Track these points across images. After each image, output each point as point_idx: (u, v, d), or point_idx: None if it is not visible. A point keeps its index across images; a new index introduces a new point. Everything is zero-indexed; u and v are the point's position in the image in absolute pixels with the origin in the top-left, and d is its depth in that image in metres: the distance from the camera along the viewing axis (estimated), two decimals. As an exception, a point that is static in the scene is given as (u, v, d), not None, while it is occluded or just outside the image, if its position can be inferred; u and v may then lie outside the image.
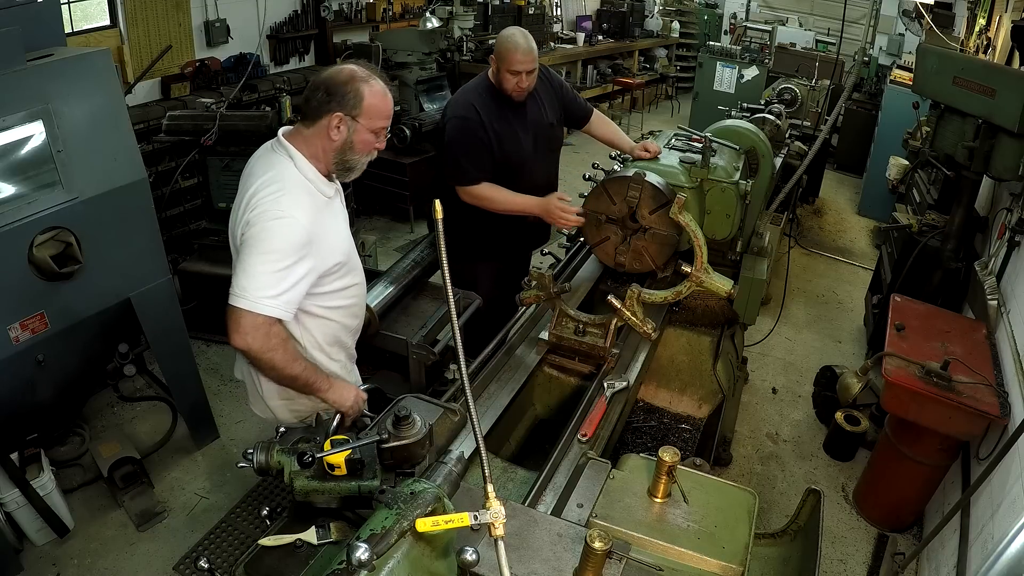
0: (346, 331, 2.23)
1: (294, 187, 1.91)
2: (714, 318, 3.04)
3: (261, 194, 1.87)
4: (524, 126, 3.04)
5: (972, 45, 6.19)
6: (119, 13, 5.00)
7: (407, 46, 6.12)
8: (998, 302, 3.39)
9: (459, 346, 1.32)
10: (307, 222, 1.88)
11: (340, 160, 1.98)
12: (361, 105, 1.91)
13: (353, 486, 1.54)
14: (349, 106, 1.90)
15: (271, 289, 1.82)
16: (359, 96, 1.90)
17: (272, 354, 1.86)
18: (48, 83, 2.60)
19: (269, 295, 1.82)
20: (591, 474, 1.83)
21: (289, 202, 1.87)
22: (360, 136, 1.95)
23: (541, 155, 3.14)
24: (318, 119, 1.92)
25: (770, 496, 3.61)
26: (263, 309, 1.82)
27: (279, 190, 1.87)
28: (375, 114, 1.94)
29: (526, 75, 2.88)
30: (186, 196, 5.03)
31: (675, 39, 11.47)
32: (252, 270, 1.82)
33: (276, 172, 1.92)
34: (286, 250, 1.84)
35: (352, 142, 1.95)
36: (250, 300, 1.81)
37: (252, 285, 1.81)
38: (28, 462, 2.98)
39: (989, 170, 3.61)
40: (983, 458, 2.83)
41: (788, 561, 2.01)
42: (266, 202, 1.85)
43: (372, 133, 1.96)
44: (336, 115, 1.90)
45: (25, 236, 2.55)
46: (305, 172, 1.95)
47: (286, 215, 1.85)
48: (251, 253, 1.84)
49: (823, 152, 6.39)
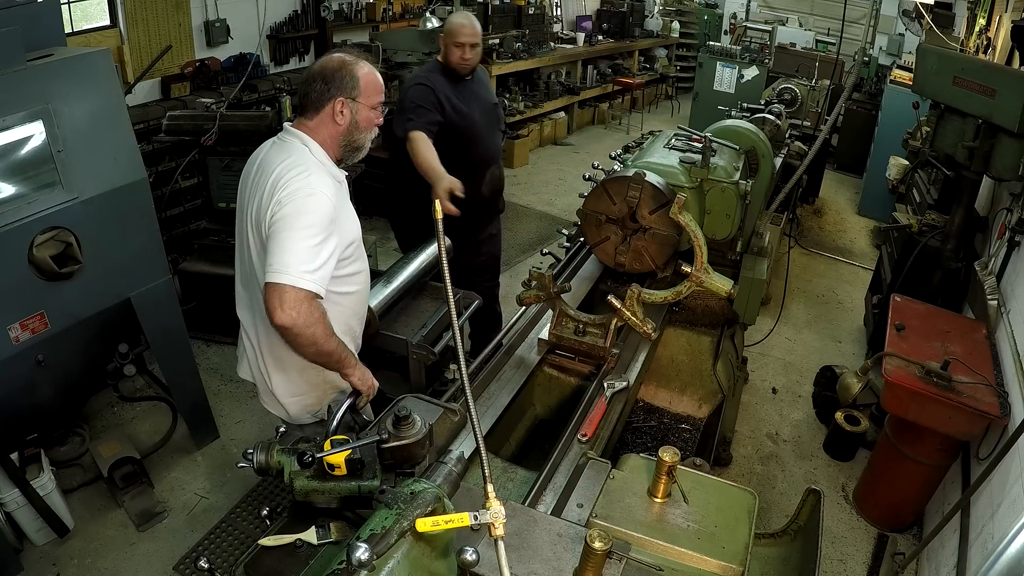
0: (356, 318, 2.29)
1: (316, 168, 1.99)
2: (714, 318, 3.04)
3: (288, 176, 1.94)
4: (472, 100, 3.42)
5: (972, 45, 6.19)
6: (119, 13, 5.00)
7: (407, 46, 6.12)
8: (998, 302, 3.39)
9: (459, 346, 1.32)
10: (334, 199, 1.97)
11: (348, 142, 2.08)
12: (358, 85, 2.02)
13: (353, 486, 1.54)
14: (348, 89, 2.01)
15: (311, 263, 1.87)
16: (354, 77, 2.02)
17: (315, 328, 1.90)
18: (48, 83, 2.59)
19: (310, 269, 1.87)
20: (591, 474, 1.83)
21: (317, 180, 1.95)
22: (363, 114, 2.06)
23: (488, 129, 3.52)
24: (321, 108, 2.02)
25: (770, 496, 3.61)
26: (305, 284, 1.85)
27: (305, 171, 1.95)
28: (372, 91, 2.06)
29: (469, 47, 3.30)
30: (186, 196, 5.02)
31: (675, 39, 11.48)
32: (292, 246, 1.86)
33: (296, 157, 1.99)
34: (320, 224, 1.91)
35: (357, 122, 2.06)
36: (293, 275, 1.84)
37: (294, 260, 1.85)
38: (28, 462, 2.98)
39: (989, 170, 3.62)
40: (983, 458, 2.83)
41: (788, 561, 2.01)
42: (296, 181, 1.92)
43: (372, 109, 2.07)
44: (338, 100, 2.01)
45: (25, 236, 2.55)
46: (319, 157, 2.04)
47: (316, 191, 1.93)
48: (288, 229, 1.88)
49: (823, 152, 6.39)
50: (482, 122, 3.47)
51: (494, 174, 3.57)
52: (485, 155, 3.49)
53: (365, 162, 5.61)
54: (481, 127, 3.45)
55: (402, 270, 2.92)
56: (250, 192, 2.05)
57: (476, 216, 3.44)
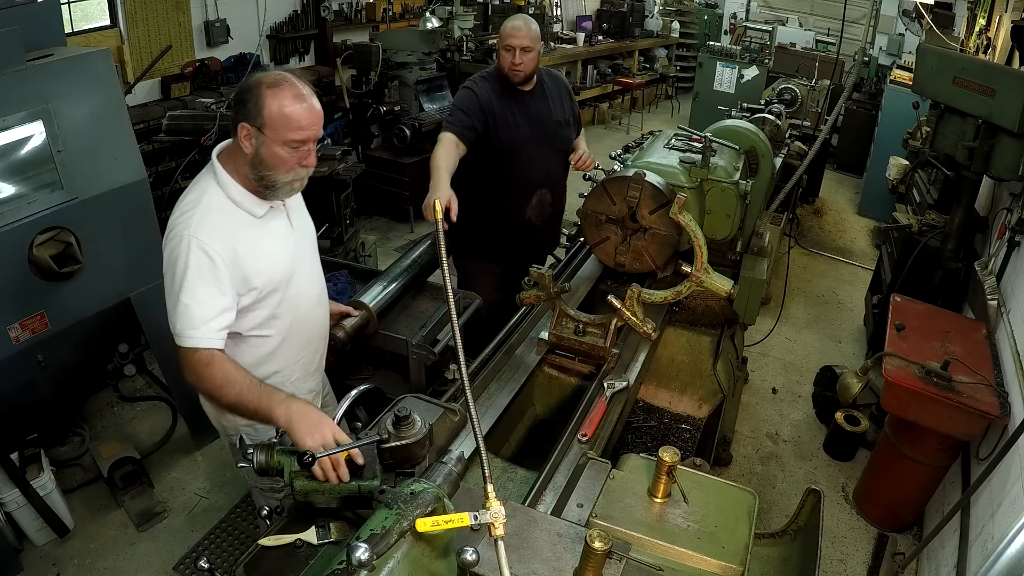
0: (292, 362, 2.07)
1: (205, 206, 1.79)
2: (714, 318, 3.04)
3: (174, 217, 1.80)
4: (524, 114, 3.06)
5: (972, 45, 6.19)
6: (119, 13, 5.00)
7: (407, 46, 6.12)
8: (998, 302, 3.39)
9: (459, 346, 1.32)
10: (210, 239, 1.75)
11: (257, 176, 1.80)
12: (262, 114, 1.70)
13: (353, 486, 1.54)
14: (251, 115, 1.71)
15: (189, 321, 1.75)
16: (259, 103, 1.69)
17: (200, 383, 1.80)
18: (48, 83, 2.60)
19: (189, 326, 1.75)
20: (591, 474, 1.83)
21: (198, 221, 1.75)
22: (269, 150, 1.73)
23: (540, 148, 3.12)
24: (233, 130, 1.77)
25: (770, 496, 3.61)
26: (185, 343, 1.76)
27: (191, 209, 1.78)
28: (281, 125, 1.70)
29: (520, 51, 2.94)
30: (186, 196, 5.02)
31: (675, 39, 11.48)
32: (172, 304, 1.77)
33: (196, 194, 1.83)
34: (191, 273, 1.73)
35: (261, 157, 1.75)
36: (179, 335, 1.76)
37: (176, 320, 1.76)
38: (28, 462, 2.98)
39: (989, 170, 3.61)
40: (983, 458, 2.83)
41: (788, 561, 2.01)
42: (177, 224, 1.78)
43: (282, 146, 1.73)
44: (241, 124, 1.73)
45: (25, 236, 2.55)
46: (229, 192, 1.82)
47: (192, 236, 1.73)
48: (168, 283, 1.78)
49: (823, 152, 6.39)
50: (533, 139, 3.09)
51: (544, 199, 3.16)
52: (533, 177, 3.11)
53: (366, 162, 5.66)
54: (530, 145, 3.08)
55: (400, 268, 2.93)
56: None
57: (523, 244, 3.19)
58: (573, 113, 3.28)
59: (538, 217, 3.18)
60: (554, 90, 3.18)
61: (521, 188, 3.08)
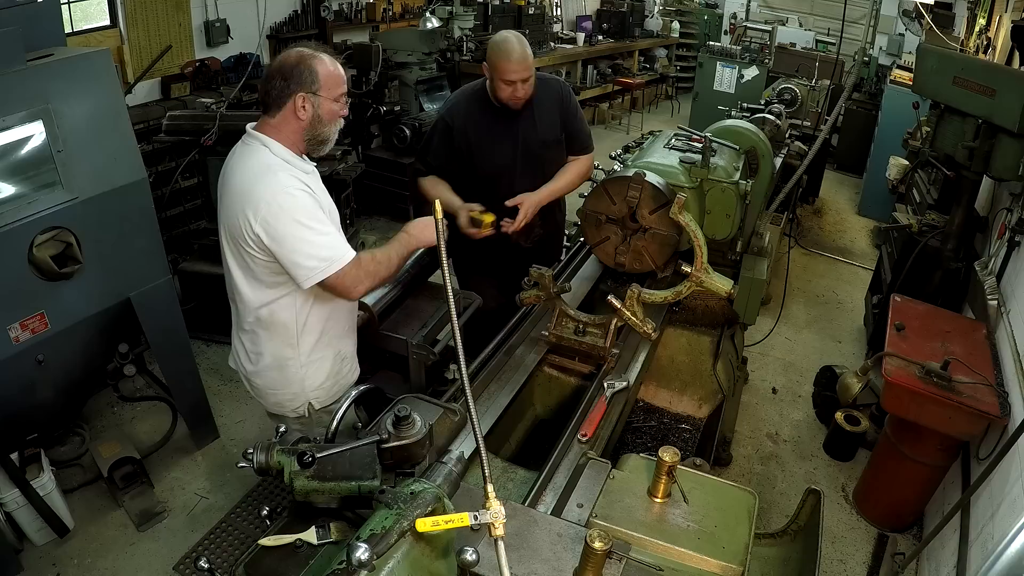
0: (348, 310, 2.34)
1: (278, 167, 2.02)
2: (714, 318, 3.04)
3: (256, 188, 1.98)
4: (508, 138, 2.91)
5: (972, 45, 6.20)
6: (119, 13, 5.01)
7: (407, 46, 6.12)
8: (998, 302, 3.39)
9: (459, 346, 1.32)
10: (304, 186, 2.03)
11: (312, 136, 2.09)
12: (318, 79, 2.02)
13: (353, 486, 1.54)
14: (308, 83, 2.01)
15: (331, 246, 2.01)
16: (313, 72, 2.01)
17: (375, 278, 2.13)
18: (48, 83, 2.59)
19: (336, 248, 2.02)
20: (591, 474, 1.83)
21: (284, 178, 1.99)
22: (325, 107, 2.06)
23: (524, 173, 2.95)
24: (282, 105, 2.03)
25: (770, 496, 3.61)
26: (340, 263, 2.01)
27: (270, 173, 1.99)
28: (332, 83, 2.05)
29: (521, 84, 2.76)
30: (186, 196, 5.02)
31: (675, 39, 11.48)
32: (305, 247, 1.98)
33: (257, 162, 2.02)
34: (310, 210, 2.00)
35: (319, 116, 2.06)
36: (330, 264, 2.00)
37: (319, 252, 1.99)
38: (28, 462, 2.98)
39: (989, 170, 3.61)
40: (983, 458, 2.83)
41: (788, 561, 2.01)
42: (266, 190, 1.97)
43: (334, 101, 2.07)
44: (299, 95, 2.01)
45: (25, 236, 2.55)
46: (281, 155, 2.05)
47: (289, 188, 1.98)
48: (290, 234, 1.96)
49: (823, 152, 6.39)
50: (515, 164, 2.94)
51: (531, 222, 2.95)
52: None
53: (366, 162, 5.66)
54: (512, 171, 2.93)
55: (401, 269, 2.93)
56: (223, 202, 2.10)
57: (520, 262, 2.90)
58: (568, 128, 3.04)
59: (527, 240, 3.05)
60: (544, 103, 2.95)
61: (505, 213, 2.87)
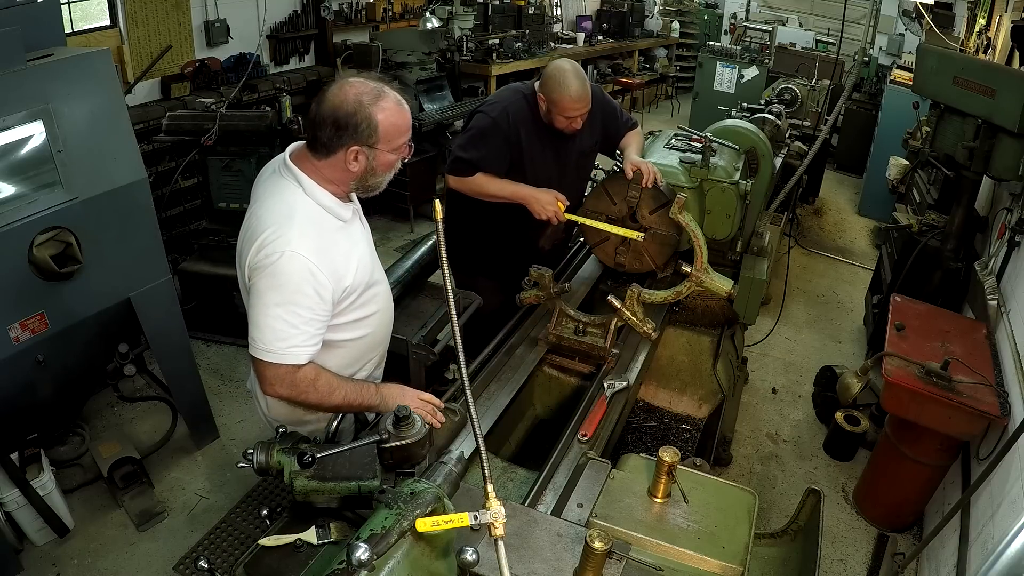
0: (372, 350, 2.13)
1: (301, 217, 1.78)
2: (714, 318, 3.04)
3: (267, 231, 1.75)
4: (552, 148, 2.88)
5: (972, 45, 6.19)
6: (119, 13, 5.00)
7: (407, 46, 6.12)
8: (998, 302, 3.39)
9: (459, 346, 1.32)
10: (313, 254, 1.76)
11: (362, 185, 1.88)
12: (377, 132, 1.76)
13: (353, 486, 1.55)
14: (364, 137, 1.76)
15: (288, 338, 1.75)
16: (373, 124, 1.75)
17: (305, 397, 1.82)
18: (48, 83, 2.59)
19: (289, 344, 1.76)
20: (591, 474, 1.83)
21: (297, 235, 1.74)
22: (381, 159, 1.82)
23: (563, 181, 2.91)
24: (332, 153, 1.78)
25: (770, 496, 3.61)
26: (286, 359, 1.76)
27: (286, 222, 1.76)
28: (394, 135, 1.79)
29: (580, 117, 2.71)
30: (186, 196, 5.02)
31: (675, 39, 11.47)
32: (268, 321, 1.75)
33: (280, 201, 1.80)
34: (294, 289, 1.74)
35: (373, 168, 1.83)
36: (273, 352, 1.76)
37: (271, 337, 1.75)
38: (28, 462, 2.98)
39: (989, 170, 3.61)
40: (983, 458, 2.83)
41: (788, 561, 2.01)
42: (273, 239, 1.74)
43: (393, 152, 1.82)
44: (352, 149, 1.77)
45: (25, 236, 2.55)
46: (317, 197, 1.82)
47: (294, 251, 1.73)
48: (262, 300, 1.76)
49: (823, 152, 6.39)
50: (558, 174, 2.90)
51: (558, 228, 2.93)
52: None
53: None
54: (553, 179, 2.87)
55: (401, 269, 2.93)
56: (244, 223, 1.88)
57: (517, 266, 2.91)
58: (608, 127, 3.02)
59: (550, 244, 3.06)
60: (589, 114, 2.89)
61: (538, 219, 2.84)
